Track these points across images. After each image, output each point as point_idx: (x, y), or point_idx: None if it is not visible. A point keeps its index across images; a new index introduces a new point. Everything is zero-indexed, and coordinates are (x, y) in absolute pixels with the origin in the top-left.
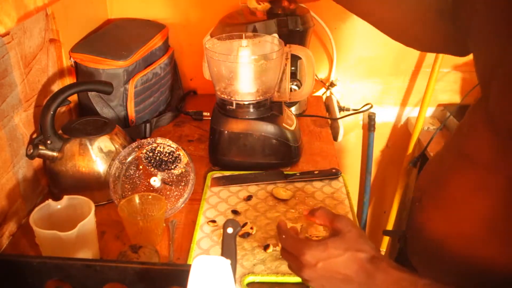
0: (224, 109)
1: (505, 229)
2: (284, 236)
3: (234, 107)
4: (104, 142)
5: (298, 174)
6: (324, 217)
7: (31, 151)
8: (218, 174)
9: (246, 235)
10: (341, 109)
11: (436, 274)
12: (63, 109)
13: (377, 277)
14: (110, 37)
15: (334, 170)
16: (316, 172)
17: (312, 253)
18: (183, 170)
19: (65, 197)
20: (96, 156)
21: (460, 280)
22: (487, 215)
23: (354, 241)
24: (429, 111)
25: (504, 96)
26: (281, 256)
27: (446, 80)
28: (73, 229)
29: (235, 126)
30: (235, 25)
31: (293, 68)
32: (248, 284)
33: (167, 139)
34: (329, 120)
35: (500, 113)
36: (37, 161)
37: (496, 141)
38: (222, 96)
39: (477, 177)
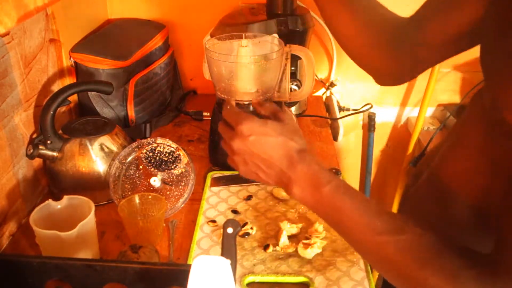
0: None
1: (488, 212)
2: (228, 107)
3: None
4: (104, 142)
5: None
6: (270, 108)
7: (31, 151)
8: (218, 174)
9: (246, 235)
10: (341, 109)
11: None
12: (63, 109)
13: (297, 168)
14: (110, 37)
15: (334, 170)
16: None
17: (249, 125)
18: (183, 170)
19: (65, 197)
20: (96, 156)
21: None
22: (474, 198)
23: (292, 131)
24: (429, 111)
25: (495, 84)
26: (219, 130)
27: (446, 80)
28: (73, 229)
29: None
30: (235, 25)
31: (293, 68)
32: (248, 284)
33: (167, 139)
34: (329, 120)
35: (491, 100)
36: (37, 161)
37: (487, 125)
38: (222, 96)
39: (468, 159)
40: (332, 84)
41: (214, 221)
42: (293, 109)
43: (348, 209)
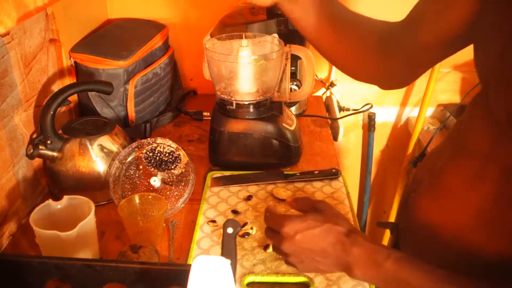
0: (224, 109)
1: (495, 218)
2: (267, 214)
3: (234, 107)
4: (104, 142)
5: (298, 174)
6: (306, 203)
7: (31, 151)
8: (218, 174)
9: (246, 235)
10: (341, 109)
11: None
12: (63, 109)
13: (353, 251)
14: (110, 37)
15: (334, 170)
16: (316, 172)
17: (291, 224)
18: (183, 170)
19: (65, 197)
20: (96, 156)
21: (448, 268)
22: (479, 205)
23: (332, 216)
24: (429, 111)
25: (507, 86)
26: (265, 234)
27: (446, 80)
28: (73, 229)
29: (235, 126)
30: (235, 25)
31: (293, 68)
32: (248, 284)
33: (167, 139)
34: (329, 120)
35: (503, 101)
36: (37, 161)
37: (495, 131)
38: (222, 96)
39: (473, 167)
40: (332, 84)
41: (214, 221)
42: (293, 109)
43: (416, 279)
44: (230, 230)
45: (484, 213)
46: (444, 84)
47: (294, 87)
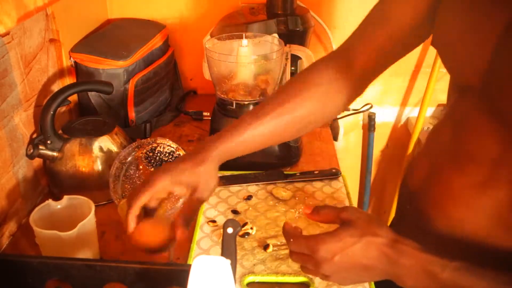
0: (224, 109)
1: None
2: (292, 240)
3: (234, 107)
4: (104, 142)
5: (298, 174)
6: (330, 214)
7: (31, 151)
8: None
9: (246, 235)
10: None
11: None
12: (63, 109)
13: (401, 262)
14: (110, 37)
15: (334, 170)
16: (316, 172)
17: (326, 247)
18: None
19: (65, 197)
20: (96, 156)
21: None
22: (493, 210)
23: (367, 225)
24: (429, 111)
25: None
26: (290, 259)
27: (446, 80)
28: (73, 229)
29: None
30: (235, 25)
31: (293, 68)
32: (248, 284)
33: (167, 139)
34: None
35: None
36: (37, 161)
37: (504, 133)
38: (222, 96)
39: (482, 174)
40: None
41: (214, 221)
42: None
43: (478, 286)
44: (230, 230)
45: (499, 218)
46: (444, 84)
47: None
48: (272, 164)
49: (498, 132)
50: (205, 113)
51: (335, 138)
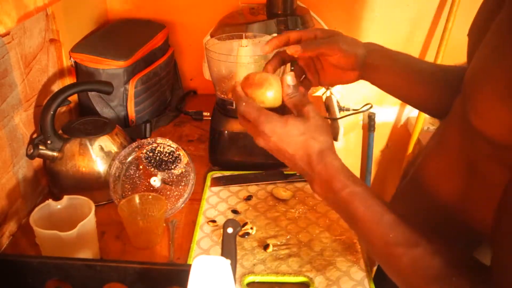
0: (224, 109)
1: (465, 208)
2: (244, 104)
3: (234, 107)
4: (104, 142)
5: (298, 174)
6: (295, 101)
7: (31, 151)
8: (218, 174)
9: (246, 235)
10: (341, 109)
11: None
12: (63, 109)
13: (316, 169)
14: (110, 37)
15: None
16: None
17: (270, 126)
18: (183, 170)
19: (65, 197)
20: (96, 156)
21: None
22: (453, 196)
23: (314, 128)
24: None
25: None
26: (240, 124)
27: None
28: (73, 229)
29: (235, 126)
30: (235, 25)
31: (292, 68)
32: (248, 284)
33: (167, 139)
34: (329, 120)
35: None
36: (37, 161)
37: (465, 127)
38: (222, 96)
39: (446, 161)
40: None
41: (214, 221)
42: None
43: (362, 217)
44: (230, 230)
45: (456, 207)
46: None
47: None
48: (272, 164)
49: (460, 126)
50: (205, 113)
51: (335, 138)
